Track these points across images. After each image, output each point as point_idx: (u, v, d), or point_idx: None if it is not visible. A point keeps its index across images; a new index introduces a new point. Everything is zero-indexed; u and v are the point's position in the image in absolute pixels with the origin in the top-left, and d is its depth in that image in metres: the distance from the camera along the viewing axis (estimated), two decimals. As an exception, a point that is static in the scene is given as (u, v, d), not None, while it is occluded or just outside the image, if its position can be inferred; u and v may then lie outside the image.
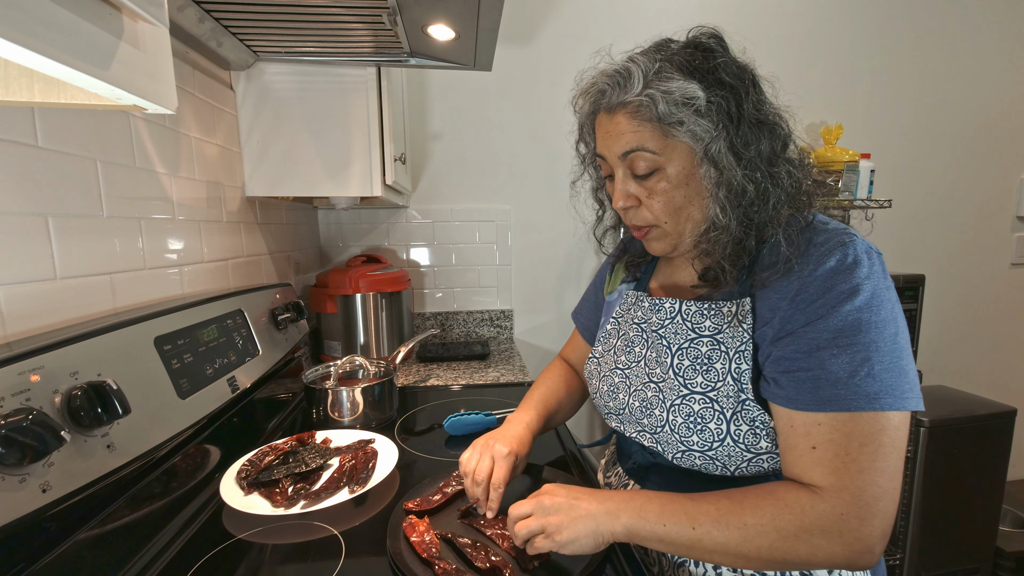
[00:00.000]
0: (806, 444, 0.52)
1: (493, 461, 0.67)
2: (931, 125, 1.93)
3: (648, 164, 0.58)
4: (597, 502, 0.56)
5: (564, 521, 0.54)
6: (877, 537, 0.48)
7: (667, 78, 0.55)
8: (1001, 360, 2.13)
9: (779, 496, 0.51)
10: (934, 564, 1.64)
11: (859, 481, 0.49)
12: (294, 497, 0.70)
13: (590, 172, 0.73)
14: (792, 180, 0.57)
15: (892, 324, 0.51)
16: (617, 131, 0.59)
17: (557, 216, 1.80)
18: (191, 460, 0.73)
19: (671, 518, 0.53)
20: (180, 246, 0.89)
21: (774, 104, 0.59)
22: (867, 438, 0.49)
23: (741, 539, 0.50)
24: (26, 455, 0.43)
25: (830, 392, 0.50)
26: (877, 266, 0.53)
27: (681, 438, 0.60)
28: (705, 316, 0.62)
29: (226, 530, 0.67)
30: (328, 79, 1.12)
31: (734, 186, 0.55)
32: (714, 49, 0.57)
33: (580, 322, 0.92)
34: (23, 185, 0.58)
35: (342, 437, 0.89)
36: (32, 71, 0.39)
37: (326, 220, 1.73)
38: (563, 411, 0.86)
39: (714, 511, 0.52)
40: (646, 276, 0.76)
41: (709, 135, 0.55)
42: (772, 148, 0.57)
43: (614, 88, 0.58)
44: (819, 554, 0.49)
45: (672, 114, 0.55)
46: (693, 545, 0.52)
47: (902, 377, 0.50)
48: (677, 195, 0.59)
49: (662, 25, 1.70)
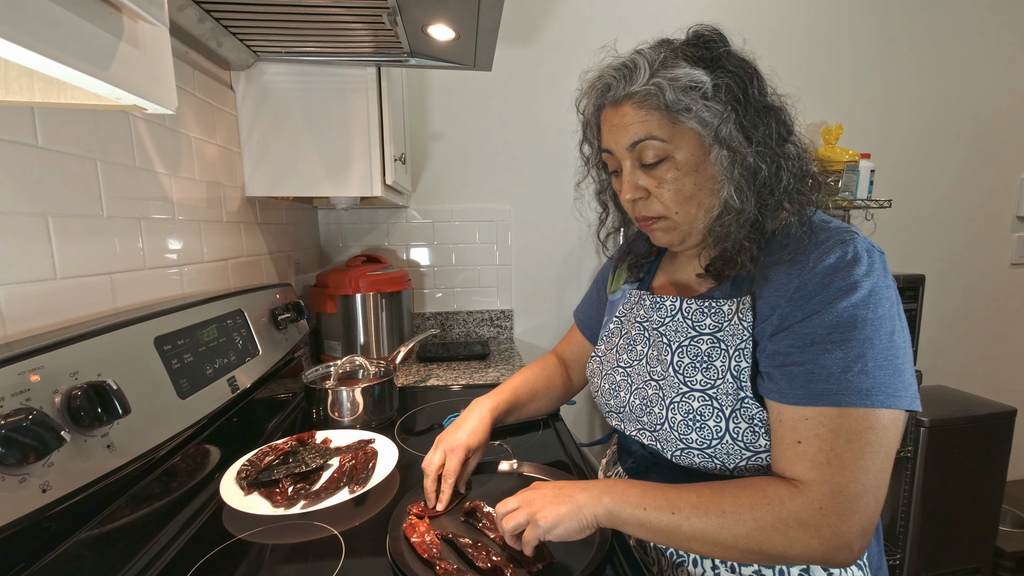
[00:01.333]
0: (792, 438, 0.52)
1: (444, 455, 0.70)
2: (931, 125, 1.93)
3: (656, 152, 0.58)
4: (580, 488, 0.58)
5: (547, 507, 0.56)
6: (855, 534, 0.48)
7: (673, 66, 0.56)
8: (1001, 360, 2.13)
9: (760, 488, 0.52)
10: (934, 564, 1.64)
11: (840, 477, 0.49)
12: (294, 497, 0.70)
13: (594, 174, 0.73)
14: (801, 162, 0.58)
15: (889, 322, 0.51)
16: (624, 123, 0.59)
17: (557, 216, 1.80)
18: (191, 460, 0.73)
19: (652, 503, 0.54)
20: (180, 246, 0.89)
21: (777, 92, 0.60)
22: (854, 435, 0.49)
23: (718, 526, 0.51)
24: (26, 455, 0.43)
25: (822, 387, 0.50)
26: (878, 264, 0.53)
27: (680, 436, 0.60)
28: (705, 314, 0.62)
29: (226, 530, 0.67)
30: (328, 79, 1.12)
31: (748, 165, 0.56)
32: (715, 39, 0.58)
33: (580, 319, 0.92)
34: (23, 185, 0.58)
35: (342, 437, 0.89)
36: (32, 71, 0.39)
37: (326, 220, 1.73)
38: (537, 403, 0.88)
39: (694, 498, 0.53)
40: (649, 276, 0.76)
41: (719, 118, 0.55)
42: (779, 131, 0.57)
43: (620, 80, 0.59)
44: (795, 547, 0.49)
45: (680, 100, 0.55)
46: (672, 531, 0.53)
47: (896, 376, 0.50)
48: (687, 183, 0.59)
49: (663, 25, 1.70)
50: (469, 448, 0.72)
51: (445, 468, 0.69)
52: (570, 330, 0.95)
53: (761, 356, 0.56)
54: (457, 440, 0.72)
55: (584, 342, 0.91)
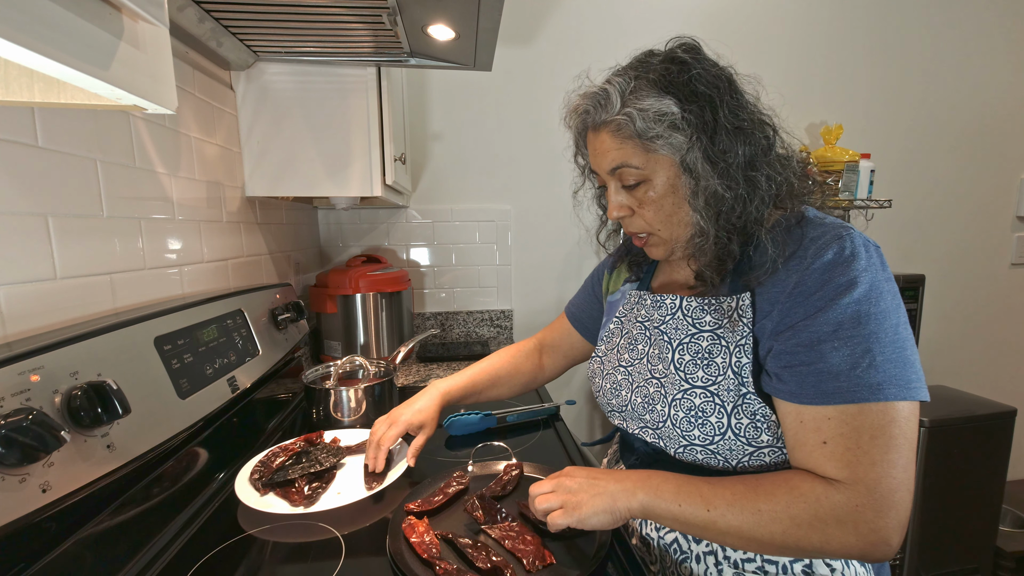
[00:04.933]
0: (816, 439, 0.52)
1: (388, 426, 0.78)
2: (931, 125, 1.93)
3: (635, 177, 0.61)
4: (615, 481, 0.58)
5: (583, 498, 0.57)
6: (893, 528, 0.48)
7: (643, 96, 0.58)
8: (1001, 360, 2.13)
9: (794, 484, 0.52)
10: (934, 564, 1.64)
11: (873, 473, 0.49)
12: (311, 496, 0.71)
13: (591, 180, 0.74)
14: (774, 182, 0.58)
15: (893, 315, 0.51)
16: (603, 148, 0.62)
17: (557, 216, 1.80)
18: (191, 460, 0.73)
19: (687, 499, 0.54)
20: (180, 246, 0.89)
21: (755, 107, 0.61)
22: (877, 430, 0.49)
23: (754, 524, 0.51)
24: (26, 455, 0.43)
25: (832, 385, 0.51)
26: (875, 258, 0.53)
27: (683, 432, 0.61)
28: (705, 311, 0.62)
29: (226, 530, 0.67)
30: (328, 79, 1.12)
31: (711, 194, 0.57)
32: (688, 62, 0.58)
33: (570, 311, 0.95)
34: (23, 185, 0.58)
35: (350, 436, 0.89)
36: (32, 71, 0.39)
37: (326, 220, 1.73)
38: (497, 389, 0.92)
39: (729, 495, 0.53)
40: (648, 276, 0.77)
41: (684, 147, 0.57)
42: (752, 152, 0.58)
43: (596, 108, 0.61)
44: (832, 543, 0.49)
45: (649, 129, 0.57)
46: (707, 526, 0.53)
47: (907, 367, 0.50)
48: (666, 203, 0.61)
49: (662, 25, 1.71)
50: (411, 424, 0.79)
51: (382, 436, 0.77)
52: (558, 318, 0.97)
53: (766, 356, 0.57)
54: (401, 416, 0.80)
55: (568, 329, 0.93)
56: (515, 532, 0.61)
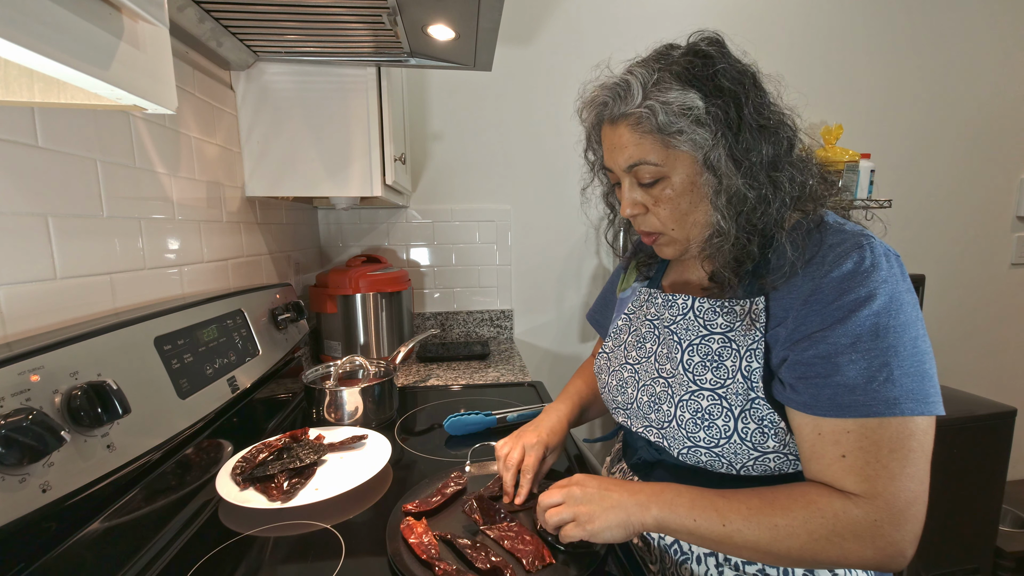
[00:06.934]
0: (835, 452, 0.51)
1: (524, 450, 0.71)
2: (931, 125, 1.93)
3: (652, 174, 0.59)
4: (628, 493, 0.57)
5: (595, 511, 0.56)
6: (909, 541, 0.48)
7: (666, 88, 0.55)
8: (1001, 360, 2.13)
9: (811, 499, 0.51)
10: (934, 564, 1.64)
11: (892, 488, 0.48)
12: (289, 491, 0.71)
13: (600, 177, 0.73)
14: (796, 184, 0.57)
15: (912, 327, 0.50)
16: (620, 144, 0.60)
17: (557, 216, 1.80)
18: (191, 460, 0.73)
19: (701, 513, 0.54)
20: (180, 246, 0.89)
21: (778, 105, 0.59)
22: (896, 444, 0.49)
23: (771, 539, 0.51)
24: (26, 455, 0.43)
25: (848, 398, 0.50)
26: (896, 269, 0.52)
27: (688, 434, 0.60)
28: (718, 313, 0.62)
29: (227, 530, 0.67)
30: (328, 79, 1.12)
31: (734, 193, 0.56)
32: (713, 56, 0.57)
33: (595, 319, 0.93)
34: (23, 185, 0.58)
35: (334, 433, 0.89)
36: (32, 71, 0.39)
37: (326, 220, 1.73)
38: (598, 405, 0.89)
39: (744, 509, 0.52)
40: (659, 274, 0.76)
41: (708, 144, 0.55)
42: (775, 152, 0.56)
43: (615, 100, 0.59)
44: (850, 557, 0.49)
45: (672, 124, 0.55)
46: (723, 541, 0.53)
47: (925, 381, 0.49)
48: (682, 202, 0.60)
49: (662, 25, 1.71)
50: (548, 447, 0.74)
51: (524, 463, 0.71)
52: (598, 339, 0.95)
53: (780, 364, 0.56)
54: (538, 438, 0.74)
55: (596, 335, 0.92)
56: (514, 532, 0.61)
